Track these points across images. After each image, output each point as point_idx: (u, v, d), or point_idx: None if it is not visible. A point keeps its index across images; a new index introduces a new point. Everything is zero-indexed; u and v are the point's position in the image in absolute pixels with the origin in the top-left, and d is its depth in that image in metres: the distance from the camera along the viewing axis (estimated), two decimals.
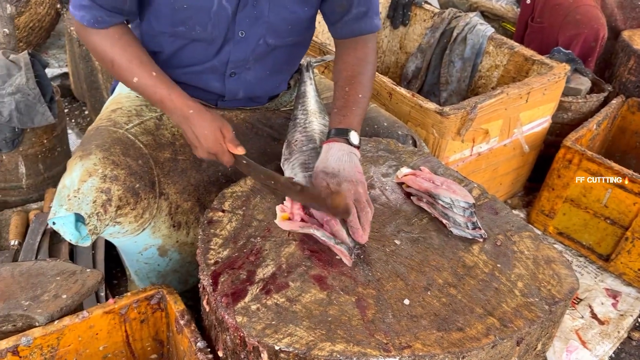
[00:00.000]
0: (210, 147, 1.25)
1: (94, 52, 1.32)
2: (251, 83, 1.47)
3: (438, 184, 1.29)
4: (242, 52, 1.38)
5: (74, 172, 1.24)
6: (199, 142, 1.26)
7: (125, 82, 1.30)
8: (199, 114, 1.26)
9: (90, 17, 1.24)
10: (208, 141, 1.25)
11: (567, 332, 1.86)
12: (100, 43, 1.28)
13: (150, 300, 1.26)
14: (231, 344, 1.05)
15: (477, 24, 2.45)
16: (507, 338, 1.01)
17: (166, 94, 1.26)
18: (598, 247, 2.17)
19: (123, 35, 1.28)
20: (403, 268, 1.14)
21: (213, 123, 1.25)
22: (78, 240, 1.24)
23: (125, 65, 1.27)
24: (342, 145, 1.26)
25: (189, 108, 1.26)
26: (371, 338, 0.98)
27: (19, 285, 1.26)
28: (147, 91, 1.28)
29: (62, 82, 2.94)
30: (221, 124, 1.26)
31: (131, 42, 1.29)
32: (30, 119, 1.89)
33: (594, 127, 2.31)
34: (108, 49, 1.27)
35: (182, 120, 1.27)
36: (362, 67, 1.41)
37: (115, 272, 1.89)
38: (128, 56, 1.27)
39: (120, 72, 1.28)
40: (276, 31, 1.37)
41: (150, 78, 1.27)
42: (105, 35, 1.27)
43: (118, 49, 1.27)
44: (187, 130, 1.27)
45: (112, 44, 1.27)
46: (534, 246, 1.23)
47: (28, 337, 1.14)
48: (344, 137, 1.28)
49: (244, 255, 1.14)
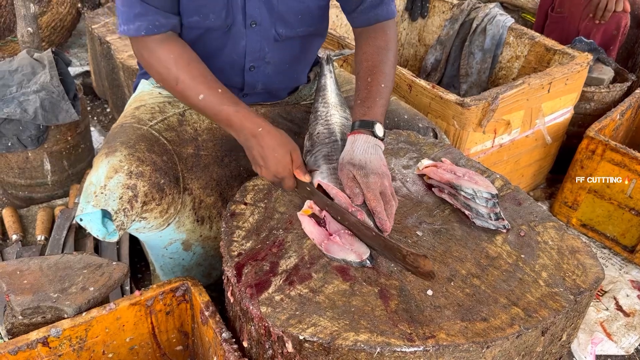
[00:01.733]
0: (278, 172, 1.22)
1: (155, 71, 1.28)
2: (269, 76, 1.48)
3: (460, 175, 1.29)
4: (256, 43, 1.38)
5: (100, 169, 1.26)
6: (265, 163, 1.23)
7: (189, 100, 1.27)
8: (269, 133, 1.22)
9: (147, 24, 1.22)
10: (277, 165, 1.21)
11: (592, 324, 1.84)
12: (164, 59, 1.24)
13: (176, 292, 1.27)
14: (256, 334, 1.06)
15: (496, 15, 2.42)
16: (532, 328, 1.00)
17: (233, 111, 1.23)
18: (623, 238, 2.14)
19: (185, 51, 1.26)
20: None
21: (284, 146, 1.22)
22: (105, 236, 1.26)
23: (190, 83, 1.24)
24: (367, 137, 1.26)
25: (258, 126, 1.23)
26: (395, 328, 0.98)
27: (47, 278, 1.28)
28: (214, 109, 1.25)
29: (83, 80, 2.99)
30: (292, 147, 1.23)
31: (194, 58, 1.26)
32: (54, 116, 1.93)
33: (618, 117, 2.28)
34: (172, 66, 1.24)
35: (250, 138, 1.23)
36: (382, 56, 1.41)
37: (139, 267, 1.92)
38: (193, 73, 1.24)
39: (184, 89, 1.25)
40: (286, 21, 1.37)
41: (216, 95, 1.24)
42: (168, 51, 1.24)
43: (183, 66, 1.24)
44: (255, 148, 1.23)
45: (176, 61, 1.24)
46: (558, 236, 1.22)
47: (57, 328, 1.16)
48: (369, 129, 1.27)
49: (266, 247, 1.15)
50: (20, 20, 2.17)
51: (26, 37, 2.19)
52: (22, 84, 1.92)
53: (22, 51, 2.09)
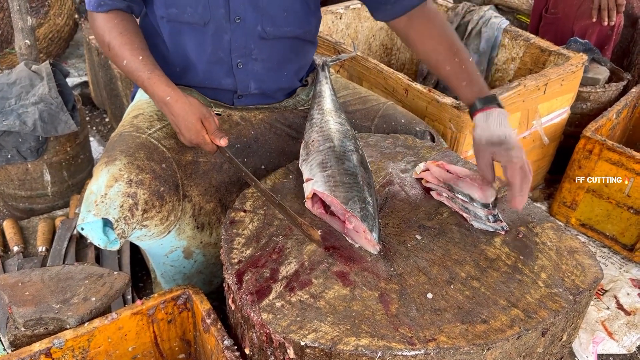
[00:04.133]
0: (192, 138, 1.28)
1: (96, 37, 1.37)
2: (260, 74, 1.48)
3: (459, 176, 1.29)
4: (241, 38, 1.40)
5: (100, 178, 1.27)
6: (179, 130, 1.29)
7: (118, 65, 1.34)
8: (177, 102, 1.27)
9: (94, 1, 1.31)
10: (190, 132, 1.27)
11: (593, 324, 1.85)
12: (100, 26, 1.33)
13: (177, 300, 1.28)
14: (257, 341, 1.06)
15: (491, 17, 2.43)
16: (532, 329, 1.01)
17: (146, 77, 1.29)
18: (622, 237, 2.15)
19: (122, 21, 1.33)
20: (425, 262, 1.14)
21: (192, 114, 1.26)
22: (106, 244, 1.27)
23: (118, 49, 1.31)
24: (499, 111, 1.26)
25: (166, 94, 1.27)
26: (395, 332, 0.99)
27: (49, 290, 1.29)
28: (133, 74, 1.31)
29: (82, 91, 3.00)
30: (201, 114, 1.27)
31: (128, 28, 1.33)
32: (53, 127, 1.94)
33: (614, 117, 2.29)
34: (106, 33, 1.33)
35: (162, 106, 1.30)
36: (449, 31, 1.39)
37: (140, 275, 1.92)
38: (122, 40, 1.31)
39: (114, 55, 1.33)
40: (272, 18, 1.39)
41: (136, 61, 1.30)
42: (105, 19, 1.33)
43: (115, 33, 1.32)
44: (168, 116, 1.30)
45: (110, 28, 1.32)
46: (557, 237, 1.23)
47: (60, 339, 1.17)
48: (495, 103, 1.27)
49: (266, 254, 1.16)
50: (18, 33, 2.18)
51: (24, 50, 2.20)
52: (21, 96, 1.93)
53: (20, 63, 2.10)
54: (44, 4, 3.15)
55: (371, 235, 1.15)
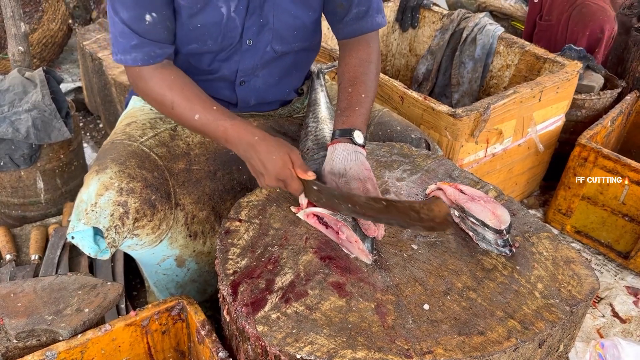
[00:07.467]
0: (278, 173, 1.21)
1: (151, 98, 1.31)
2: (261, 89, 1.48)
3: (473, 197, 1.25)
4: (250, 60, 1.40)
5: (91, 186, 1.26)
6: (265, 168, 1.22)
7: (187, 122, 1.28)
8: (264, 140, 1.23)
9: (143, 55, 1.24)
10: (276, 167, 1.21)
11: (589, 332, 1.84)
12: (158, 85, 1.27)
13: (171, 311, 1.27)
14: (253, 353, 1.05)
15: (486, 24, 2.44)
16: (529, 340, 1.00)
17: (229, 124, 1.24)
18: (617, 244, 2.15)
19: (178, 77, 1.28)
20: (421, 273, 1.14)
21: (280, 148, 1.22)
22: (97, 253, 1.26)
23: (185, 104, 1.26)
24: (346, 145, 1.26)
25: (254, 135, 1.23)
26: (392, 344, 0.98)
27: (41, 300, 1.28)
28: (210, 126, 1.26)
29: (75, 96, 2.98)
30: (289, 149, 1.23)
31: (187, 81, 1.29)
32: (47, 134, 1.92)
33: (609, 124, 2.29)
34: (167, 92, 1.27)
35: (248, 149, 1.24)
36: (364, 68, 1.41)
37: (134, 284, 1.91)
38: (188, 95, 1.26)
39: (181, 112, 1.27)
40: (282, 37, 1.39)
41: (211, 112, 1.25)
42: (161, 77, 1.27)
43: (177, 90, 1.26)
44: (253, 157, 1.23)
45: (170, 86, 1.27)
46: (553, 247, 1.22)
47: (53, 351, 1.15)
48: (347, 137, 1.28)
49: (262, 265, 1.15)
50: (11, 40, 2.16)
51: (17, 56, 2.18)
52: (14, 103, 1.91)
53: (13, 70, 2.09)
54: (38, 9, 3.13)
55: (363, 245, 1.14)
